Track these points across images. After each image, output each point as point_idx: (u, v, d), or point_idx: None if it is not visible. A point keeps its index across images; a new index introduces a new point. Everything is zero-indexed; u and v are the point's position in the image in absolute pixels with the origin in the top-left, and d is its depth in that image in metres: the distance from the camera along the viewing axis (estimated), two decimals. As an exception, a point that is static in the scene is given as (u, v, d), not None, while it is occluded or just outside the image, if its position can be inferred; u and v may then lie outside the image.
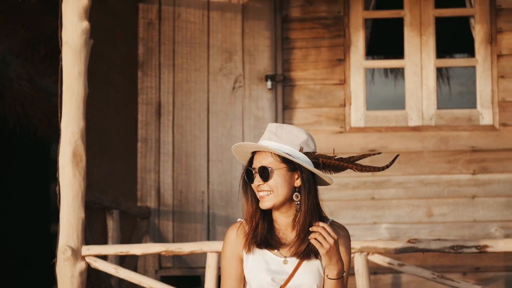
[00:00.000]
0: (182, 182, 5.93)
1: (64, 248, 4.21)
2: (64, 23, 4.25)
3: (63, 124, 4.26)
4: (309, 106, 5.90)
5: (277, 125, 2.85)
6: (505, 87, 5.75)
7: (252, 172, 2.80)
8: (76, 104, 4.21)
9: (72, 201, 4.23)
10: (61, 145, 4.26)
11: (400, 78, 7.15)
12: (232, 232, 2.88)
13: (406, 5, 5.89)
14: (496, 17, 5.80)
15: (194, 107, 5.96)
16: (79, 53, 4.17)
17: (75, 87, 4.19)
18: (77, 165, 4.22)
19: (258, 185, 2.79)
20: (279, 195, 2.76)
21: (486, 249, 4.09)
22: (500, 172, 5.71)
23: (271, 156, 2.78)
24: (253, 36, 5.93)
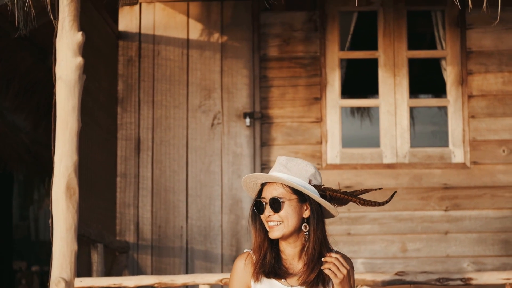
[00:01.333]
0: (161, 217, 6.51)
1: (58, 280, 4.66)
2: (58, 58, 4.84)
3: (57, 157, 4.80)
4: (287, 143, 6.56)
5: (287, 158, 3.22)
6: (476, 126, 6.48)
7: (262, 203, 3.16)
8: (69, 138, 4.77)
9: (66, 234, 4.72)
10: (54, 178, 4.79)
11: (375, 117, 7.89)
12: (240, 262, 3.22)
13: (380, 46, 6.63)
14: (467, 59, 6.56)
15: (173, 143, 6.57)
16: (73, 88, 4.76)
17: (69, 122, 4.77)
18: (71, 198, 4.75)
19: (269, 216, 3.14)
20: (289, 225, 3.12)
21: (471, 281, 4.64)
22: (472, 209, 6.40)
23: (282, 187, 3.13)
24: (232, 74, 6.60)
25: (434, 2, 6.72)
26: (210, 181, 6.55)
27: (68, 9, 4.82)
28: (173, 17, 6.69)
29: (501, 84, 6.52)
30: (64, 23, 4.82)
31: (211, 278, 4.71)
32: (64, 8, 4.83)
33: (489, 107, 6.52)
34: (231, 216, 6.51)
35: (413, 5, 6.73)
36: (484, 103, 6.52)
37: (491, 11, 6.32)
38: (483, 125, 6.49)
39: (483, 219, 6.41)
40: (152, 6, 6.70)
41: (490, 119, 6.50)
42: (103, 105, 6.32)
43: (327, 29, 6.63)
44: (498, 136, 6.48)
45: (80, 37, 4.83)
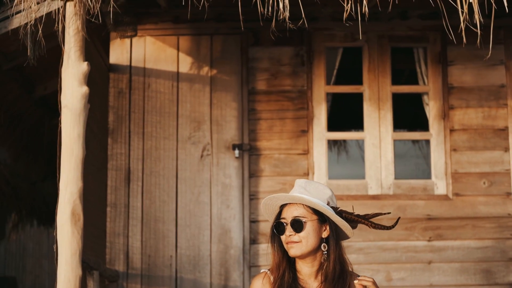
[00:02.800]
0: (151, 247, 7.08)
1: None
2: (63, 87, 5.42)
3: (62, 184, 5.26)
4: (274, 175, 7.20)
5: (306, 181, 3.61)
6: (458, 159, 7.20)
7: (283, 224, 3.54)
8: (75, 165, 5.31)
9: (71, 259, 5.15)
10: (59, 205, 5.23)
11: (361, 149, 8.62)
12: (257, 282, 3.58)
13: (365, 81, 7.34)
14: (449, 94, 7.28)
15: (163, 173, 7.18)
16: (78, 116, 5.35)
17: (74, 149, 5.34)
18: (76, 224, 5.27)
19: (290, 235, 3.51)
20: (308, 245, 3.50)
21: None
22: (454, 239, 7.08)
23: (303, 208, 3.54)
24: (221, 106, 7.26)
25: (417, 39, 7.44)
26: (199, 211, 7.11)
27: (74, 39, 5.42)
28: (163, 50, 7.34)
29: (481, 118, 7.25)
30: (70, 53, 5.40)
31: None
32: (70, 39, 5.43)
33: (470, 141, 7.22)
34: (220, 245, 7.04)
35: (396, 42, 7.43)
36: (465, 137, 7.22)
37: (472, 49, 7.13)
38: (464, 158, 7.20)
39: (465, 249, 7.06)
40: (142, 40, 7.35)
41: (471, 152, 7.22)
42: (97, 136, 6.93)
43: (314, 64, 7.31)
44: (479, 169, 7.19)
45: (85, 67, 5.43)
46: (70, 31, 5.42)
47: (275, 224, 3.59)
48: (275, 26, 7.08)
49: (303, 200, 3.54)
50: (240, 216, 7.06)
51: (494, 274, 6.97)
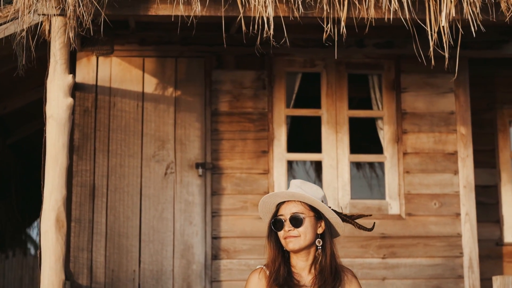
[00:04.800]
0: (114, 261, 7.85)
1: None
2: (48, 98, 6.17)
3: (46, 191, 5.94)
4: (236, 193, 8.11)
5: (301, 181, 4.11)
6: (410, 181, 8.23)
7: (282, 220, 4.02)
8: (59, 173, 6.00)
9: (55, 264, 5.84)
10: (43, 212, 5.89)
11: (319, 170, 9.66)
12: (254, 276, 4.08)
13: (323, 105, 8.34)
14: (402, 119, 8.32)
15: (128, 190, 8.02)
16: (63, 126, 6.15)
17: (59, 158, 6.10)
18: (60, 230, 5.93)
19: (288, 231, 3.99)
20: (306, 239, 4.00)
21: None
22: (407, 257, 8.07)
23: (301, 205, 4.04)
24: (185, 126, 8.15)
25: (372, 66, 8.48)
26: (162, 227, 7.87)
27: (60, 53, 6.23)
28: (129, 71, 8.20)
29: (432, 143, 8.29)
30: (56, 66, 6.20)
31: None
32: (57, 52, 6.23)
33: (422, 164, 8.20)
34: (183, 261, 7.81)
35: (353, 69, 8.45)
36: (417, 160, 8.23)
37: (423, 77, 8.28)
38: (416, 180, 8.22)
39: (417, 267, 8.00)
40: (108, 60, 8.19)
41: (423, 175, 8.25)
42: (64, 151, 7.76)
43: (275, 87, 8.21)
44: (430, 191, 8.21)
45: (71, 79, 6.25)
46: (56, 44, 6.24)
47: (273, 221, 4.09)
48: (238, 50, 8.14)
49: (304, 197, 4.07)
50: (202, 232, 7.94)
51: (444, 290, 8.02)
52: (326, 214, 4.12)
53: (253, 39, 6.71)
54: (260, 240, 7.72)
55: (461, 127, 8.20)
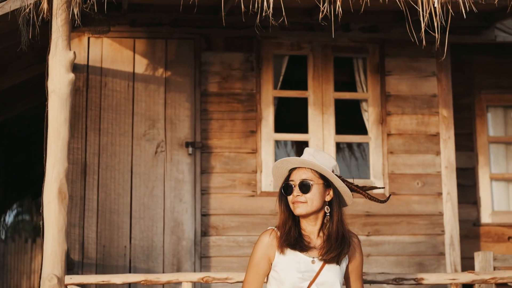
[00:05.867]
0: (106, 237, 8.09)
1: (51, 276, 5.90)
2: (50, 74, 6.35)
3: (49, 164, 6.09)
4: (225, 172, 8.39)
5: (314, 149, 4.32)
6: (394, 161, 8.56)
7: (291, 185, 4.23)
8: (61, 146, 6.16)
9: (58, 234, 6.00)
10: (46, 183, 6.05)
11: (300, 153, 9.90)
12: (265, 237, 4.28)
13: (310, 87, 8.63)
14: (386, 102, 8.66)
15: (119, 168, 8.24)
16: (65, 101, 6.34)
17: (61, 132, 6.29)
18: (62, 201, 6.08)
19: (297, 196, 4.20)
20: (313, 206, 4.21)
21: (422, 281, 6.16)
22: (390, 235, 8.41)
23: (311, 172, 4.23)
24: (175, 106, 8.40)
25: (357, 50, 8.74)
26: (153, 204, 8.11)
27: (62, 30, 6.39)
28: (120, 52, 8.43)
29: (415, 124, 8.62)
30: (58, 42, 6.38)
31: (193, 277, 6.12)
32: (58, 29, 6.38)
33: (405, 145, 8.51)
34: (173, 237, 8.07)
35: (339, 52, 8.73)
36: (401, 141, 8.54)
37: (407, 61, 8.62)
38: (400, 160, 8.54)
39: (400, 244, 8.34)
40: (100, 41, 8.41)
41: (406, 155, 8.57)
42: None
43: (262, 69, 8.45)
44: (413, 170, 8.53)
45: (72, 55, 6.44)
46: (58, 21, 6.42)
47: (284, 185, 4.31)
48: (227, 33, 8.42)
49: (313, 165, 4.27)
50: (192, 209, 8.21)
51: (426, 266, 8.32)
52: (335, 183, 4.32)
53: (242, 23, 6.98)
54: (248, 217, 8.05)
55: (443, 110, 8.55)
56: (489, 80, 9.79)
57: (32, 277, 18.55)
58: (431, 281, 6.35)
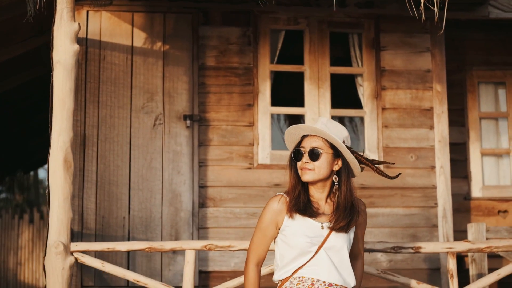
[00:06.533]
0: (105, 208, 8.24)
1: (57, 243, 6.10)
2: (55, 45, 6.46)
3: (54, 133, 6.26)
4: (222, 144, 8.55)
5: (327, 119, 4.43)
6: (388, 135, 8.75)
7: (301, 151, 4.37)
8: (67, 116, 6.30)
9: (63, 202, 6.17)
10: (51, 152, 6.23)
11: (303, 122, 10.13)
12: (274, 203, 4.45)
13: (306, 61, 8.79)
14: (381, 76, 8.84)
15: (117, 140, 8.38)
16: (70, 72, 6.47)
17: (66, 102, 6.43)
18: (67, 170, 6.24)
19: (305, 163, 4.34)
20: (320, 174, 4.36)
21: (420, 250, 6.40)
22: (385, 207, 8.60)
23: (321, 141, 4.36)
24: (173, 80, 8.54)
25: (353, 26, 8.90)
26: (151, 176, 8.27)
27: (66, 1, 6.63)
28: (118, 25, 8.55)
29: (409, 99, 8.82)
30: (63, 13, 6.47)
31: (196, 244, 6.32)
32: (63, 0, 6.69)
33: (400, 119, 8.70)
34: (171, 208, 8.23)
35: (335, 27, 8.88)
36: (395, 115, 8.75)
37: (401, 36, 8.80)
38: (394, 134, 8.73)
39: (394, 216, 8.52)
40: (98, 14, 8.52)
41: (401, 129, 8.77)
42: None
43: (259, 43, 8.59)
44: (407, 144, 8.72)
45: (77, 27, 6.55)
46: (63, -8, 6.63)
47: (294, 151, 4.47)
48: (224, 7, 8.57)
49: (324, 134, 4.40)
50: (190, 181, 8.38)
51: (419, 238, 8.55)
52: (344, 153, 4.47)
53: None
54: (245, 189, 8.23)
55: (437, 85, 8.74)
56: (480, 57, 9.99)
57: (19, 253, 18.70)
58: (428, 249, 6.55)
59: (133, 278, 6.46)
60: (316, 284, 4.44)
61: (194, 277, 6.41)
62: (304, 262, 4.48)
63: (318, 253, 4.45)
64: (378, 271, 6.59)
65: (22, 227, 18.71)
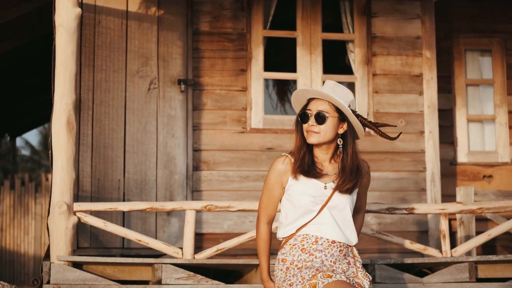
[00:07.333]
0: (100, 171, 8.41)
1: (61, 203, 6.33)
2: (57, 8, 6.57)
3: (57, 96, 6.43)
4: (216, 109, 8.74)
5: (334, 83, 4.55)
6: (379, 100, 8.98)
7: (308, 114, 4.53)
8: (69, 79, 6.47)
9: (66, 163, 6.39)
10: (54, 115, 6.40)
11: (294, 88, 10.35)
12: (279, 163, 4.63)
13: (298, 27, 8.99)
14: (372, 43, 9.06)
15: (112, 104, 8.54)
16: (72, 35, 6.62)
17: (68, 64, 6.57)
18: (70, 132, 6.42)
19: (311, 125, 4.49)
20: (326, 137, 4.51)
21: (413, 211, 6.69)
22: (375, 171, 8.81)
23: (328, 105, 4.50)
24: (167, 44, 8.71)
25: (340, -8, 9.22)
26: (146, 140, 8.43)
27: None
28: (113, -10, 8.76)
29: (399, 65, 9.02)
30: None
31: (196, 205, 6.55)
32: None
33: (390, 85, 8.92)
34: (165, 171, 8.43)
35: (327, -7, 9.20)
36: (386, 81, 8.97)
37: (392, 3, 9.00)
38: (385, 100, 8.96)
39: (384, 180, 8.77)
40: (93, -21, 8.74)
41: (391, 95, 8.99)
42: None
43: (253, 9, 8.70)
44: (397, 110, 8.95)
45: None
46: (65, -43, 6.76)
47: (301, 113, 4.63)
48: (218, -27, 8.69)
49: (330, 98, 4.54)
50: (184, 145, 8.57)
51: (408, 202, 8.77)
52: (349, 117, 4.62)
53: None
54: (238, 153, 8.44)
55: (426, 51, 8.97)
56: (467, 24, 10.20)
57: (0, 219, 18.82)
58: (421, 211, 6.81)
59: (134, 237, 6.65)
60: (319, 241, 4.66)
61: (194, 236, 6.61)
62: (307, 220, 4.67)
63: (322, 212, 4.65)
64: (373, 231, 6.83)
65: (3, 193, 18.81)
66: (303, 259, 4.65)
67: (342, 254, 4.70)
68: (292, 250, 4.71)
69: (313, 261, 4.63)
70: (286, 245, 4.74)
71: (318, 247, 4.65)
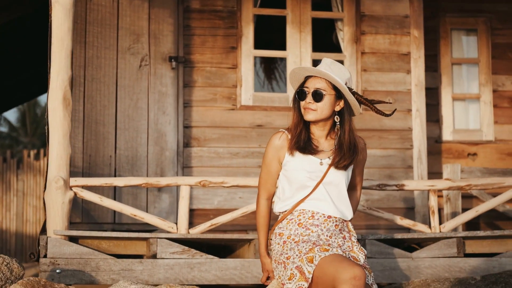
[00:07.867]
0: (92, 147, 8.51)
1: (57, 178, 6.45)
2: None
3: (53, 72, 6.54)
4: (206, 86, 8.87)
5: (331, 61, 4.66)
6: (367, 78, 9.14)
7: (305, 92, 4.64)
8: (65, 55, 6.58)
9: (63, 139, 6.51)
10: (50, 91, 6.52)
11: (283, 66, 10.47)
12: (275, 140, 4.75)
13: (288, 5, 9.10)
14: (361, 21, 9.22)
15: (104, 80, 8.64)
16: (69, 11, 6.69)
17: (64, 41, 6.67)
18: (66, 108, 6.55)
19: (309, 103, 4.61)
20: (322, 114, 4.63)
21: (403, 187, 6.86)
22: (362, 148, 9.05)
23: (325, 82, 4.61)
24: (159, 22, 8.79)
25: (333, -29, 9.37)
26: (137, 116, 8.54)
27: None
28: (104, -34, 8.83)
29: (388, 44, 9.20)
30: None
31: (191, 180, 6.68)
32: None
33: (378, 63, 9.07)
34: (156, 147, 8.55)
35: (316, -28, 9.32)
36: (374, 59, 9.12)
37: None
38: (373, 78, 9.11)
39: (372, 157, 8.93)
40: (84, -45, 8.82)
41: (379, 73, 9.15)
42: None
43: None
44: (385, 88, 9.10)
45: None
46: None
47: (299, 90, 4.74)
48: (208, -49, 8.78)
49: (328, 76, 4.65)
50: (175, 121, 8.70)
51: (395, 179, 8.95)
52: (346, 95, 4.75)
53: None
54: (228, 130, 8.58)
55: (414, 30, 9.12)
56: (454, 4, 10.34)
57: (-18, 196, 18.87)
58: (411, 187, 6.98)
59: (130, 212, 6.77)
60: (316, 216, 4.79)
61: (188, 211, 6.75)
62: (303, 196, 4.81)
63: (318, 188, 4.78)
64: (364, 207, 6.99)
65: (-14, 170, 18.86)
66: (300, 233, 4.78)
67: (337, 229, 4.84)
68: (289, 225, 4.83)
69: (309, 235, 4.76)
70: (283, 220, 4.86)
71: (315, 221, 4.78)
